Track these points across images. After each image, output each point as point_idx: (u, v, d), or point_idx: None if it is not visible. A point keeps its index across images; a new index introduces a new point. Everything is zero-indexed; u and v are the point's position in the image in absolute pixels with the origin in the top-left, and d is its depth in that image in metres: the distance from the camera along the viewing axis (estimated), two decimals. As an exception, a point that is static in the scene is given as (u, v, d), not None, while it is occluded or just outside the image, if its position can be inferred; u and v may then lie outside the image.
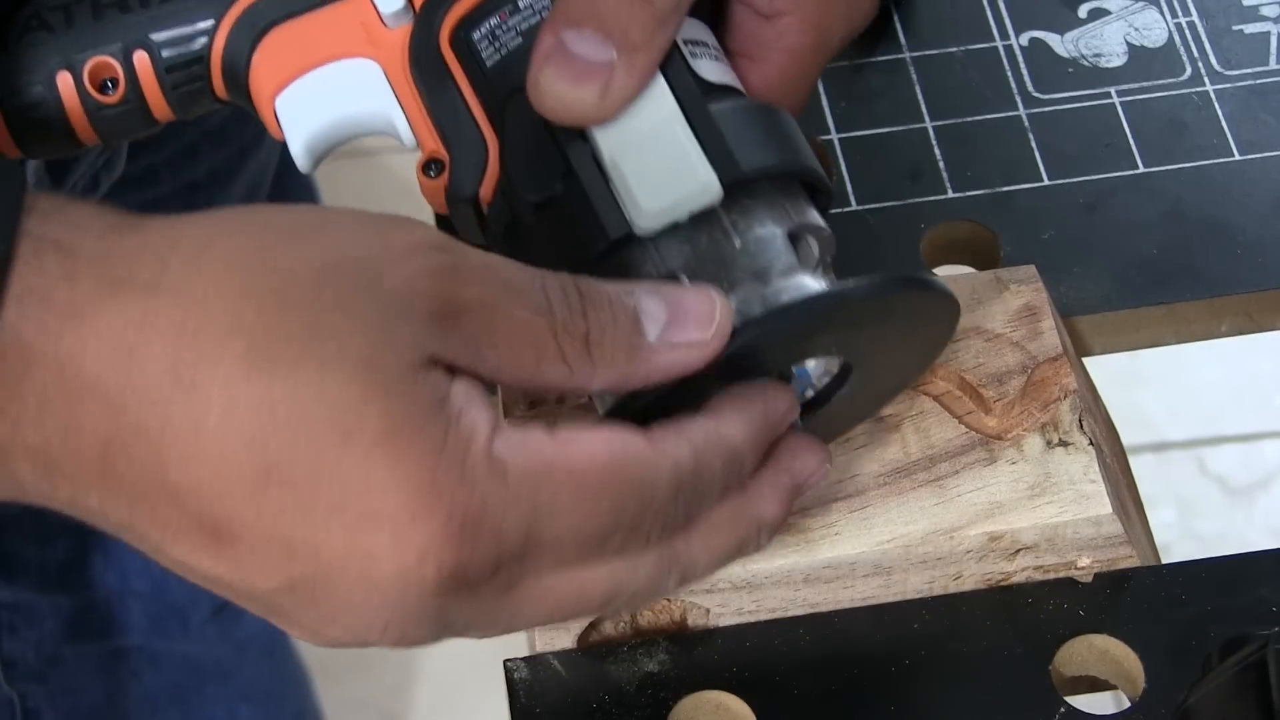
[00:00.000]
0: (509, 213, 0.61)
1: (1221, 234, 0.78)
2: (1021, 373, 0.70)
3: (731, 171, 0.59)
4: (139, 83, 0.64)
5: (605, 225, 0.59)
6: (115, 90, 0.64)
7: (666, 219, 0.59)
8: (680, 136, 0.59)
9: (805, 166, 0.62)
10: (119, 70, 0.63)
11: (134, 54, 0.63)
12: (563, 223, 0.60)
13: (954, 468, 0.68)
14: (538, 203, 0.60)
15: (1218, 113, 0.81)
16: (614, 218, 0.59)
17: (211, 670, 1.09)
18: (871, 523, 0.67)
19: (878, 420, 0.69)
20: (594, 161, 0.59)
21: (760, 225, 0.60)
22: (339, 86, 0.63)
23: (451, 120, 0.63)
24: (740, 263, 0.59)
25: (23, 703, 0.97)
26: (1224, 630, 0.66)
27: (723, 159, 0.59)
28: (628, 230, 0.59)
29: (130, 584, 1.03)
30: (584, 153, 0.60)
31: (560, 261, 0.58)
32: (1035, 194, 0.79)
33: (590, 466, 0.54)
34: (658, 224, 0.59)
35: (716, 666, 0.67)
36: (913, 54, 0.84)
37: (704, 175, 0.59)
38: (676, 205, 0.59)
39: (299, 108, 0.64)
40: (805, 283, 0.59)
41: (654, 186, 0.59)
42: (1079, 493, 0.67)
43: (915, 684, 0.66)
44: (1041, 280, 0.72)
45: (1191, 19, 0.85)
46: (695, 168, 0.59)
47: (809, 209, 0.61)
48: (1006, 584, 0.68)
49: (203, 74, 0.64)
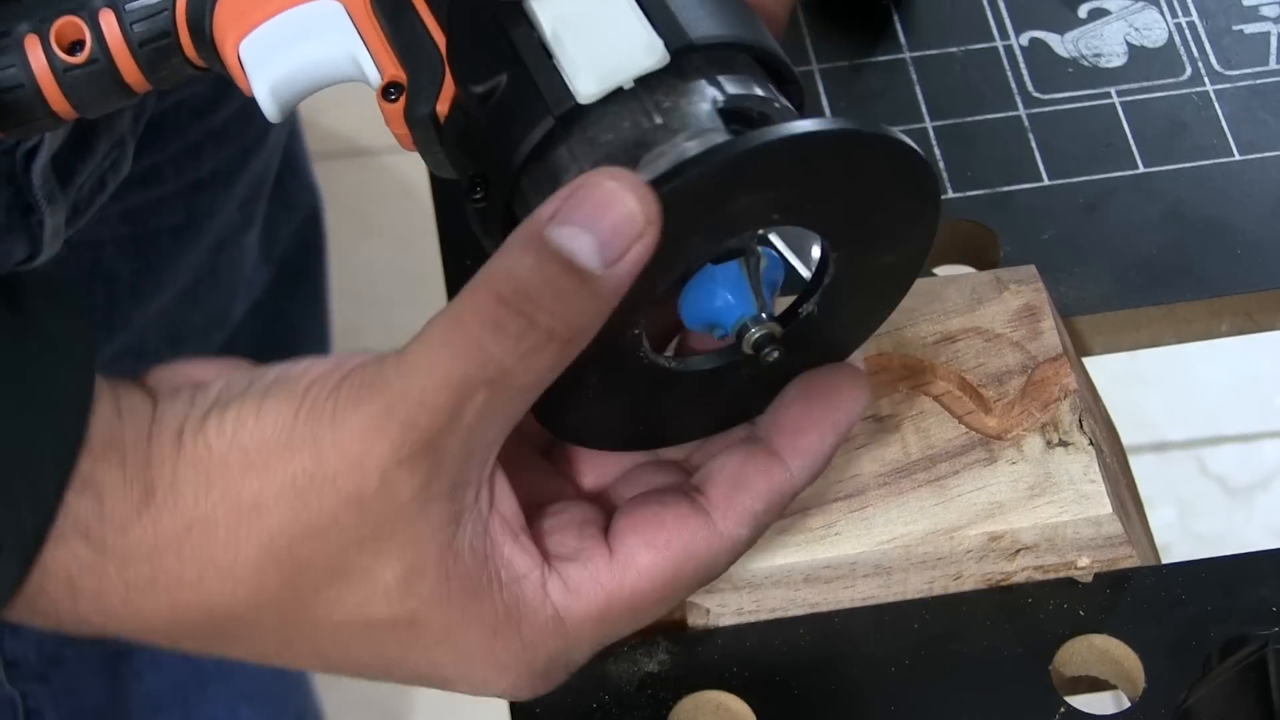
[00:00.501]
0: (463, 119, 0.61)
1: (1221, 234, 0.78)
2: (1021, 373, 0.70)
3: (679, 39, 0.58)
4: (106, 42, 0.64)
5: (548, 101, 0.58)
6: (82, 50, 0.64)
7: (608, 83, 0.58)
8: (623, 4, 0.59)
9: (760, 43, 0.60)
10: (85, 30, 0.63)
11: (99, 13, 0.64)
12: (508, 107, 0.59)
13: (954, 468, 0.68)
14: (483, 94, 0.60)
15: (1218, 113, 0.82)
16: (557, 92, 0.58)
17: (213, 670, 1.09)
18: (871, 523, 0.67)
19: (878, 420, 0.69)
20: (539, 43, 0.59)
21: (699, 99, 0.58)
22: (302, 29, 0.64)
23: (410, 42, 0.62)
24: (664, 132, 0.57)
25: (25, 702, 0.97)
26: (1224, 630, 0.66)
27: (669, 27, 0.58)
28: (571, 105, 0.58)
29: None
30: (528, 34, 0.59)
31: (506, 151, 0.57)
32: (1035, 194, 0.79)
33: (652, 587, 0.58)
34: (599, 88, 0.58)
35: (716, 666, 0.67)
36: (913, 54, 0.84)
37: (646, 37, 0.58)
38: (618, 68, 0.58)
39: (262, 54, 0.64)
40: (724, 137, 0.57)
41: (596, 52, 0.58)
42: (1079, 493, 0.67)
43: (915, 684, 0.66)
44: (1041, 280, 0.72)
45: (1191, 19, 0.85)
46: (637, 30, 0.58)
47: (763, 90, 0.59)
48: (1006, 584, 0.68)
49: (168, 28, 0.64)
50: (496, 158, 0.59)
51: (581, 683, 0.66)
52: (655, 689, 0.66)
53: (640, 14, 0.59)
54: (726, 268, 0.59)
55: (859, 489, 0.68)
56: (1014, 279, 0.72)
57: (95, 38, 0.64)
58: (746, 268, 0.59)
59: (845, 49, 0.84)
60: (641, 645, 0.67)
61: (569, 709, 0.66)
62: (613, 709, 0.66)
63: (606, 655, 0.67)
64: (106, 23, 0.64)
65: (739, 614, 0.68)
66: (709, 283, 0.59)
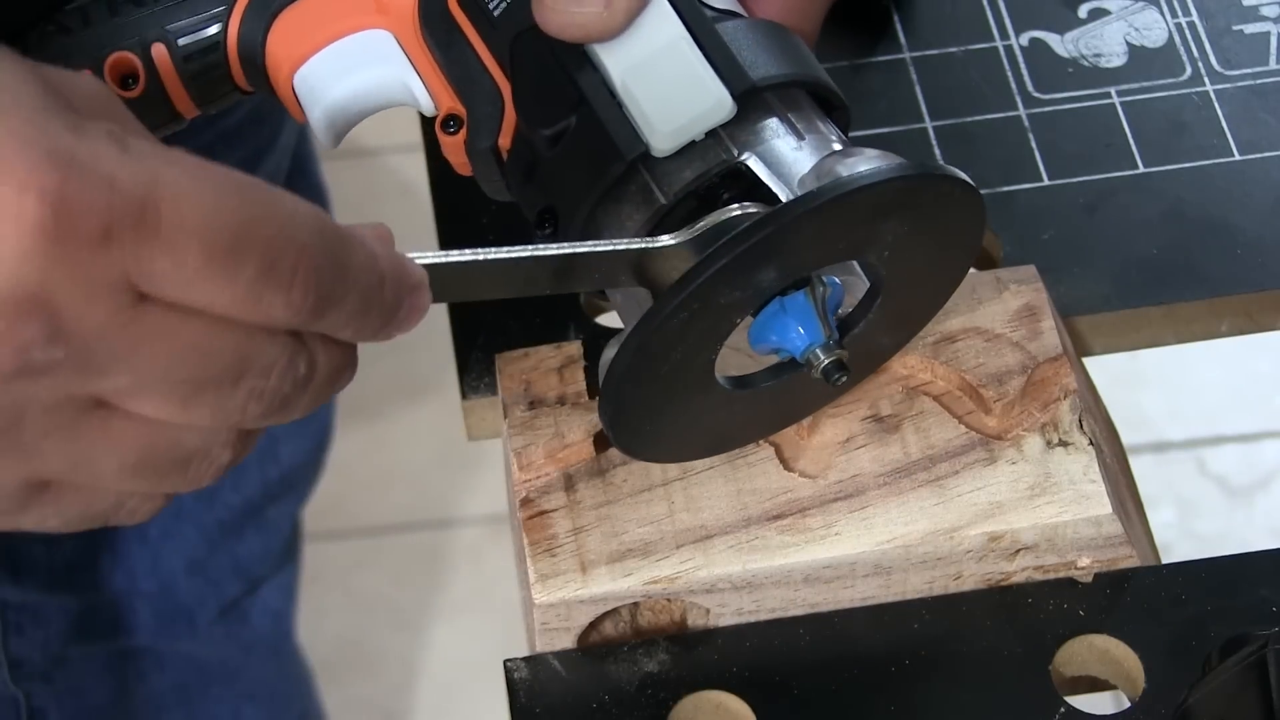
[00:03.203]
0: (528, 154, 0.62)
1: (1221, 234, 0.78)
2: (1021, 373, 0.70)
3: (741, 83, 0.60)
4: (159, 75, 0.64)
5: (620, 146, 0.59)
6: (137, 85, 0.64)
7: (682, 138, 0.59)
8: (689, 55, 0.60)
9: (815, 78, 0.62)
10: (138, 64, 0.64)
11: (152, 47, 0.64)
12: (579, 151, 0.60)
13: (954, 468, 0.68)
14: (552, 136, 0.61)
15: (1218, 113, 0.81)
16: (629, 139, 0.59)
17: (217, 670, 1.10)
18: (871, 523, 0.67)
19: (877, 420, 0.69)
20: (605, 88, 0.60)
21: (773, 137, 0.60)
22: (354, 58, 0.64)
23: (465, 75, 0.63)
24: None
25: (29, 702, 0.97)
26: (1224, 630, 0.66)
27: (732, 73, 0.60)
28: (643, 149, 0.59)
29: (137, 584, 1.03)
30: (595, 80, 0.61)
31: (578, 190, 0.59)
32: (1035, 194, 0.79)
33: (221, 170, 0.50)
34: (673, 144, 0.59)
35: (716, 666, 0.67)
36: (913, 54, 0.84)
37: (716, 92, 0.59)
38: (691, 124, 0.60)
39: (317, 83, 0.65)
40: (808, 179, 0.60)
41: (667, 107, 0.60)
42: (1079, 493, 0.67)
43: (915, 684, 0.66)
44: (1041, 280, 0.72)
45: (1191, 19, 0.85)
46: (706, 85, 0.60)
47: (822, 122, 0.62)
48: (1006, 584, 0.68)
49: (220, 61, 0.65)
50: (568, 195, 0.60)
51: (581, 683, 0.66)
52: (655, 689, 0.66)
53: (705, 63, 0.60)
54: (794, 299, 0.61)
55: (859, 489, 0.68)
56: (1014, 279, 0.72)
57: (148, 71, 0.64)
58: (814, 297, 0.61)
59: (845, 49, 0.84)
60: (641, 645, 0.67)
61: (569, 709, 0.66)
62: (613, 709, 0.66)
63: (606, 655, 0.67)
64: (159, 56, 0.64)
65: (739, 614, 0.68)
66: (779, 314, 0.61)
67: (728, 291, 0.59)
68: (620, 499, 0.68)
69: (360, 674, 1.72)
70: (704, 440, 0.67)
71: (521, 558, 0.69)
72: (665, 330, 0.59)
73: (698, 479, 0.68)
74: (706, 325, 0.60)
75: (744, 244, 0.57)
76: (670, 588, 0.66)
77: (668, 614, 0.68)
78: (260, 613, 1.11)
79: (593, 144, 0.60)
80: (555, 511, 0.68)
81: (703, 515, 0.67)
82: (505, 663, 0.67)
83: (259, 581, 1.10)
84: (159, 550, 1.04)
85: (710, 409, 0.65)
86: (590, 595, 0.66)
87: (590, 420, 0.69)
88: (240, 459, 0.54)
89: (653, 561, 0.66)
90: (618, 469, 0.68)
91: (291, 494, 1.11)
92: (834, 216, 0.59)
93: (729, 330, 0.61)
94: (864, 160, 0.59)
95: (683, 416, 0.65)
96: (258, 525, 1.08)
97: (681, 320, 0.59)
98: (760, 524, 0.67)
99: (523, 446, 0.69)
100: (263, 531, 1.09)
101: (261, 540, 1.09)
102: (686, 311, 0.59)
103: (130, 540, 1.03)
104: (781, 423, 0.68)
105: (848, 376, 0.62)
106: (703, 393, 0.64)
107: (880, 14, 0.85)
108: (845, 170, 0.59)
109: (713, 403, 0.65)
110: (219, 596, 1.08)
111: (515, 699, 0.66)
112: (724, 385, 0.64)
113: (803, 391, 0.66)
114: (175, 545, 1.05)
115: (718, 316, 0.60)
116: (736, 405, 0.65)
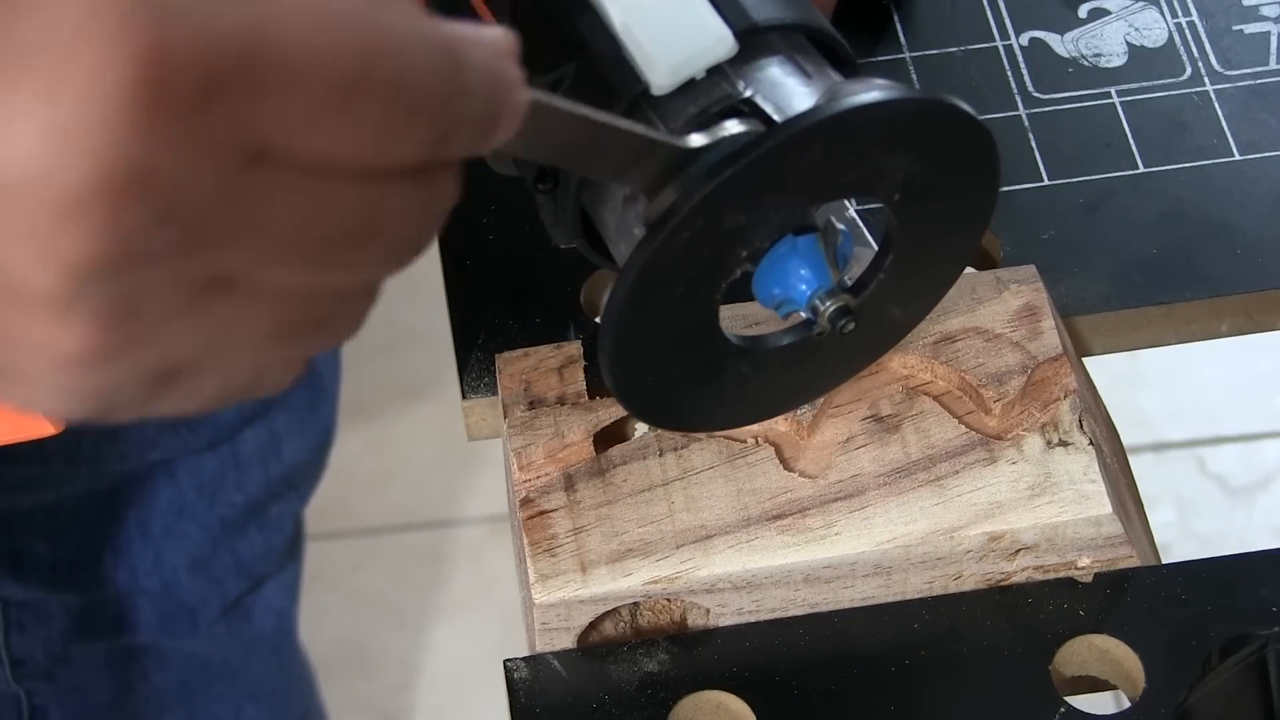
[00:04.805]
0: None
1: (1221, 234, 0.78)
2: (1021, 373, 0.70)
3: (743, 21, 0.59)
4: None
5: (619, 86, 0.59)
6: None
7: (682, 75, 0.59)
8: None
9: (821, 26, 0.61)
10: None
11: None
12: (578, 95, 0.59)
13: (954, 468, 0.68)
14: (552, 83, 0.60)
15: (1218, 113, 0.81)
16: (629, 77, 0.59)
17: (219, 669, 1.10)
18: (871, 523, 0.67)
19: (877, 420, 0.69)
20: (604, 29, 0.60)
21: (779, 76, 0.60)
22: None
23: None
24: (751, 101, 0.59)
25: (30, 700, 0.97)
26: (1224, 630, 0.66)
27: (734, 12, 0.59)
28: (643, 87, 0.59)
29: (140, 583, 1.04)
30: (594, 22, 0.60)
31: None
32: (1035, 194, 0.79)
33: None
34: (673, 80, 0.59)
35: (716, 666, 0.67)
36: (913, 54, 0.84)
37: (716, 28, 0.59)
38: (691, 60, 0.59)
39: None
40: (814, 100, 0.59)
41: (667, 44, 0.59)
42: (1079, 493, 0.67)
43: (915, 684, 0.66)
44: (1041, 280, 0.72)
45: (1191, 19, 0.85)
46: (706, 21, 0.59)
47: (830, 68, 0.61)
48: (1006, 584, 0.68)
49: None
50: None
51: (582, 683, 0.66)
52: (655, 689, 0.66)
53: (705, 1, 0.59)
54: (806, 240, 0.60)
55: (859, 489, 0.68)
56: (1014, 279, 0.72)
57: None
58: (824, 242, 0.60)
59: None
60: (641, 645, 0.67)
61: (569, 709, 0.66)
62: (613, 709, 0.66)
63: (606, 655, 0.67)
64: None
65: (739, 614, 0.68)
66: (790, 255, 0.60)
67: (733, 214, 0.58)
68: (620, 499, 0.68)
69: (360, 674, 1.72)
70: (712, 409, 0.65)
71: (521, 558, 0.69)
72: (669, 249, 0.58)
73: (698, 479, 0.68)
74: (711, 254, 0.59)
75: (751, 155, 0.56)
76: (670, 588, 0.66)
77: (668, 614, 0.68)
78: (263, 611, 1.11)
79: (592, 86, 0.60)
80: (555, 511, 0.68)
81: (703, 515, 0.67)
82: (505, 663, 0.67)
83: (261, 580, 1.10)
84: (161, 548, 1.04)
85: (719, 369, 0.63)
86: (590, 595, 0.66)
87: (590, 420, 0.69)
88: (375, 303, 0.49)
89: (653, 561, 0.66)
90: (618, 469, 0.68)
91: (294, 492, 1.11)
92: (845, 134, 0.57)
93: (734, 267, 0.60)
94: (874, 87, 0.58)
95: (688, 372, 0.63)
96: (260, 523, 1.08)
97: (684, 240, 0.57)
98: (760, 524, 0.67)
99: (523, 446, 0.69)
100: (265, 530, 1.09)
101: (264, 538, 1.09)
102: (689, 230, 0.57)
103: (133, 538, 1.03)
104: (792, 400, 0.67)
105: (854, 324, 0.61)
106: (710, 344, 0.62)
107: (880, 14, 0.85)
108: (858, 91, 0.58)
109: (722, 361, 0.63)
110: (221, 595, 1.08)
111: (515, 699, 0.66)
112: (732, 341, 0.63)
113: (816, 361, 0.65)
114: (178, 543, 1.05)
115: (722, 244, 0.58)
116: (745, 370, 0.64)
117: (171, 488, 1.04)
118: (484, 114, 0.47)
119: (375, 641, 1.75)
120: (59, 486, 0.97)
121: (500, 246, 0.78)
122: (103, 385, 0.45)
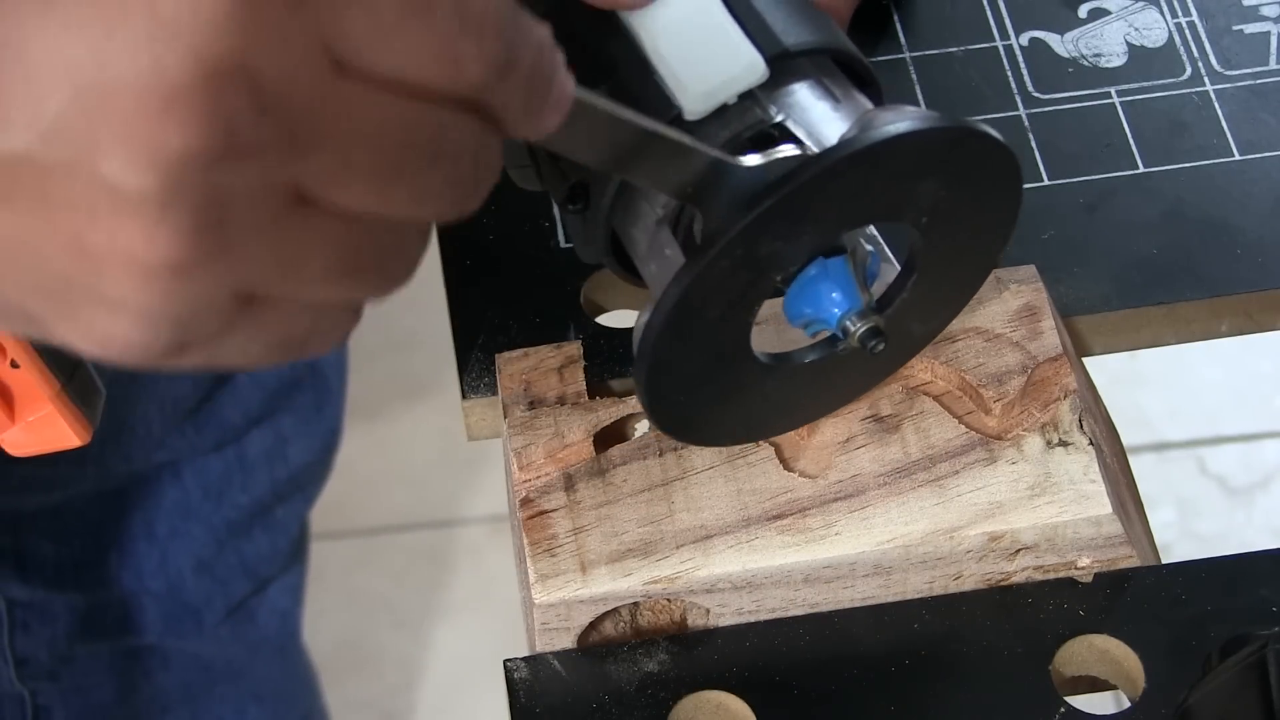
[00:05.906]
0: None
1: (1221, 234, 0.78)
2: (1021, 373, 0.70)
3: (774, 46, 0.60)
4: None
5: (650, 111, 0.59)
6: None
7: (715, 101, 0.59)
8: (720, 19, 0.60)
9: (848, 49, 0.62)
10: None
11: None
12: None
13: (954, 468, 0.68)
14: None
15: (1218, 113, 0.81)
16: (661, 102, 0.59)
17: (223, 670, 1.10)
18: (871, 523, 0.67)
19: (877, 420, 0.69)
20: (637, 54, 0.60)
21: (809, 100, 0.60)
22: None
23: None
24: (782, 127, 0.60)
25: (33, 700, 0.97)
26: (1224, 630, 0.66)
27: (764, 37, 0.60)
28: (676, 112, 0.59)
29: (145, 584, 1.04)
30: (626, 47, 0.60)
31: None
32: (1035, 194, 0.79)
33: None
34: (706, 106, 0.59)
35: (716, 666, 0.67)
36: (913, 54, 0.84)
37: (748, 54, 0.59)
38: (724, 86, 0.59)
39: None
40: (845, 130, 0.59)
41: (699, 70, 0.59)
42: (1079, 493, 0.67)
43: (915, 684, 0.66)
44: (1041, 280, 0.72)
45: (1191, 19, 0.85)
46: (738, 47, 0.59)
47: (857, 91, 0.62)
48: (1006, 584, 0.68)
49: None
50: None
51: (582, 683, 0.66)
52: (655, 689, 0.66)
53: (737, 27, 0.60)
54: (836, 262, 0.61)
55: (859, 489, 0.68)
56: (1014, 279, 0.72)
57: None
58: (853, 263, 0.60)
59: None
60: (641, 645, 0.67)
61: (569, 709, 0.66)
62: (613, 709, 0.66)
63: (606, 655, 0.67)
64: None
65: (739, 614, 0.68)
66: (821, 278, 0.61)
67: (769, 241, 0.58)
68: (620, 499, 0.68)
69: (360, 674, 1.72)
70: (734, 424, 0.66)
71: (521, 558, 0.69)
72: (709, 276, 0.58)
73: (698, 479, 0.68)
74: (747, 279, 0.59)
75: (794, 183, 0.57)
76: (670, 588, 0.66)
77: (668, 614, 0.68)
78: (267, 613, 1.11)
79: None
80: (555, 511, 0.68)
81: (703, 515, 0.67)
82: (505, 663, 0.67)
83: (266, 581, 1.10)
84: (167, 549, 1.04)
85: (746, 386, 0.64)
86: (590, 595, 0.66)
87: (590, 420, 0.69)
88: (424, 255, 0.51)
89: (653, 561, 0.66)
90: (618, 469, 0.68)
91: (300, 494, 1.11)
92: (883, 162, 0.58)
93: (767, 291, 0.60)
94: (907, 115, 0.59)
95: (719, 391, 0.64)
96: (266, 525, 1.08)
97: (723, 269, 0.58)
98: (760, 524, 0.67)
99: (523, 446, 0.69)
100: (271, 532, 1.09)
101: (269, 540, 1.09)
102: (729, 258, 0.58)
103: (138, 539, 1.03)
104: (810, 414, 0.68)
105: (884, 344, 0.62)
106: (740, 363, 0.63)
107: (880, 14, 0.85)
108: (891, 120, 0.59)
109: (749, 378, 0.64)
110: (226, 596, 1.08)
111: (515, 699, 0.66)
112: (761, 359, 0.63)
113: (837, 376, 0.66)
114: (183, 544, 1.05)
115: (758, 270, 0.59)
116: (772, 385, 0.65)
117: (177, 489, 1.04)
118: (534, 71, 0.49)
119: (375, 642, 1.75)
120: (65, 487, 0.97)
121: (500, 246, 0.78)
122: (184, 306, 0.47)
